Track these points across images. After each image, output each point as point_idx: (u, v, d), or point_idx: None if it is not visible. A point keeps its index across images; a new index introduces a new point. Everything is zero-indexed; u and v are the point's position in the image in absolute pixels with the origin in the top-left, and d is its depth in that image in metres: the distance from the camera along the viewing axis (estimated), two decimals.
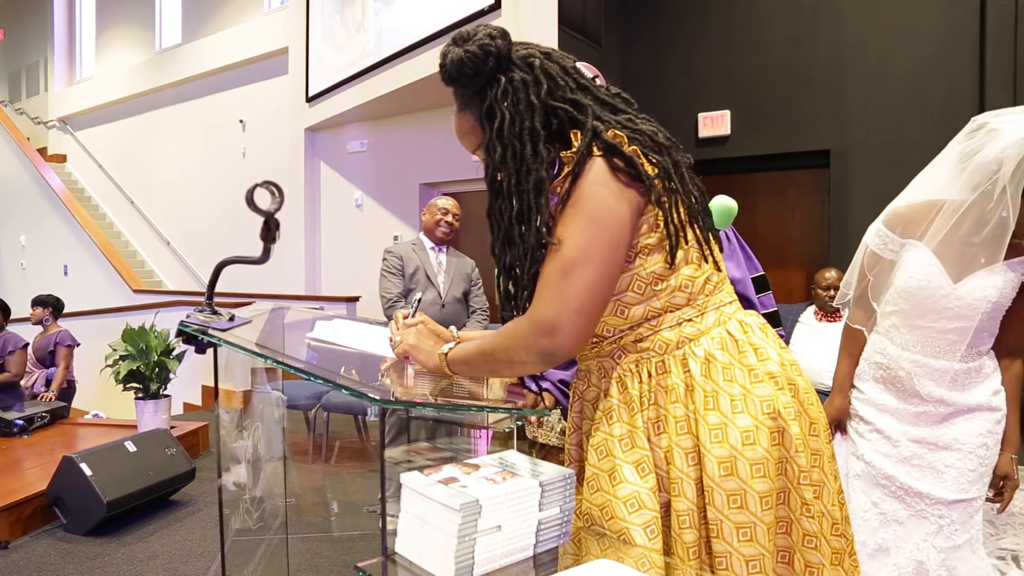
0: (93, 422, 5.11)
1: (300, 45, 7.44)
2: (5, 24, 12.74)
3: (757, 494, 1.11)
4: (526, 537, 1.14)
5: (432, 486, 1.10)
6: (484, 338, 1.20)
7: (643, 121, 1.19)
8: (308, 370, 1.21)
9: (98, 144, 10.99)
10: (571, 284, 1.07)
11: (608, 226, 1.07)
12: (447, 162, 6.73)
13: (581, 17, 5.10)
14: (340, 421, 5.01)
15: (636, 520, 1.14)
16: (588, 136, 1.10)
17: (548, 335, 1.07)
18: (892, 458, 1.80)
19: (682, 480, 1.13)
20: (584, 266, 1.07)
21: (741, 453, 1.11)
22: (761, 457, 1.11)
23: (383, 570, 1.10)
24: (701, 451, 1.13)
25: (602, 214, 1.07)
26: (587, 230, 1.07)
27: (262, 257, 1.41)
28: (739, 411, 1.12)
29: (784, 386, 1.16)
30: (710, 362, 1.15)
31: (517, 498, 1.12)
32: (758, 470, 1.11)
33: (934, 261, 1.72)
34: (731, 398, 1.13)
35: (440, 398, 1.28)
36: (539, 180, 1.11)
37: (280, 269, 7.57)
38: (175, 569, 3.01)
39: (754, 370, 1.15)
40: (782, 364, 1.18)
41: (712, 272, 1.18)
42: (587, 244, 1.07)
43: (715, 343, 1.15)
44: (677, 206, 1.13)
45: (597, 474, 1.20)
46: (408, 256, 3.70)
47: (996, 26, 4.67)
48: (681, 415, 1.15)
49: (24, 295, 8.37)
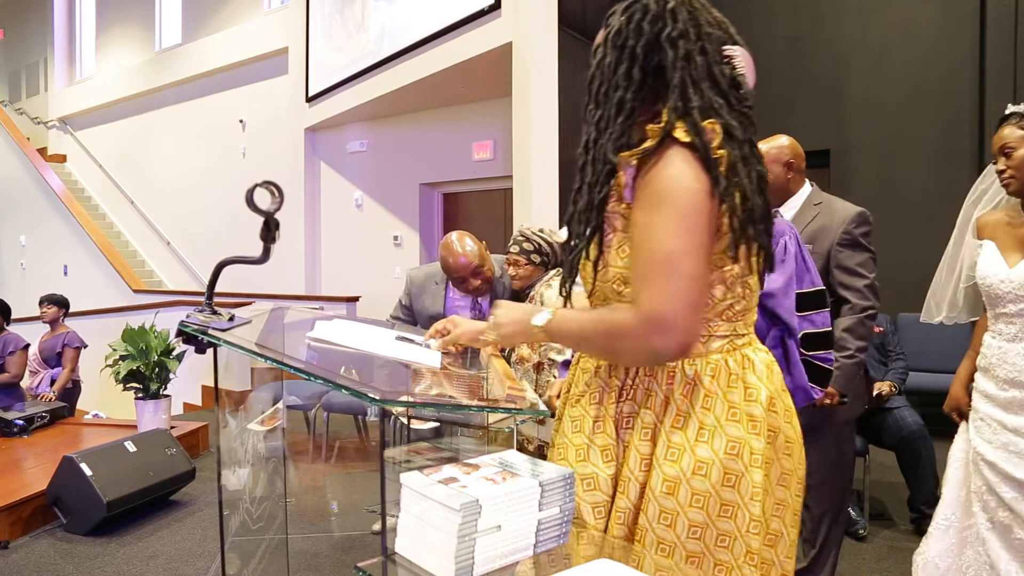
0: (93, 422, 5.10)
1: (300, 45, 7.44)
2: (5, 24, 12.74)
3: (688, 521, 1.10)
4: (526, 537, 1.14)
5: (432, 486, 1.10)
6: (583, 320, 1.13)
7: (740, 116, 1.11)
8: (308, 370, 1.21)
9: (98, 144, 10.99)
10: (679, 277, 1.01)
11: (703, 222, 1.03)
12: (447, 162, 6.73)
13: (581, 17, 5.09)
14: (340, 421, 5.00)
15: (588, 499, 1.18)
16: (679, 116, 1.06)
17: (661, 332, 1.01)
18: (992, 444, 1.90)
19: (629, 480, 1.15)
20: (689, 257, 1.01)
21: (687, 479, 1.10)
22: (705, 490, 1.10)
23: (383, 570, 1.10)
24: (653, 461, 1.13)
25: (695, 209, 1.03)
26: (683, 223, 1.02)
27: (262, 257, 1.41)
28: (703, 440, 1.11)
29: (762, 431, 1.12)
30: (695, 385, 1.13)
31: (517, 498, 1.12)
32: (698, 500, 1.10)
33: (994, 249, 1.92)
34: (700, 426, 1.12)
35: (440, 398, 1.28)
36: (621, 100, 1.10)
37: (280, 269, 7.57)
38: (175, 569, 3.01)
39: (734, 407, 1.12)
40: (769, 408, 1.14)
41: (739, 299, 1.14)
42: (686, 235, 1.02)
43: (707, 369, 1.13)
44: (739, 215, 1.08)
45: (567, 444, 1.23)
46: (422, 295, 2.81)
47: (996, 26, 4.67)
48: (649, 422, 1.15)
49: (24, 295, 8.38)
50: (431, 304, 2.76)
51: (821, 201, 2.44)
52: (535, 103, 4.49)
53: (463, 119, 6.56)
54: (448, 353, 1.54)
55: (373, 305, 6.68)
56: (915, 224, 4.87)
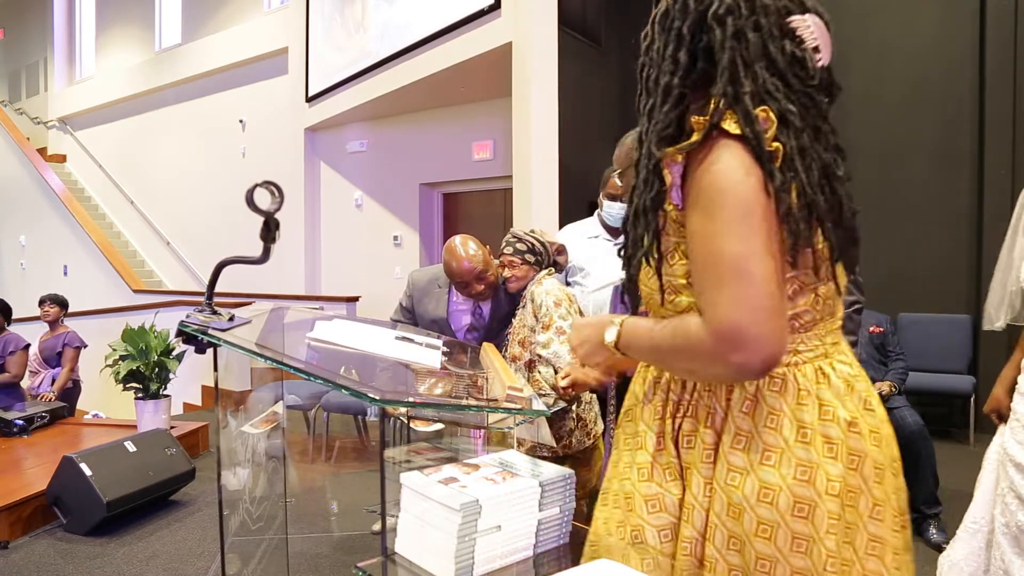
0: (93, 422, 5.10)
1: (300, 45, 7.44)
2: (5, 24, 12.74)
3: (755, 553, 0.99)
4: (526, 537, 1.14)
5: (432, 486, 1.10)
6: (655, 336, 1.03)
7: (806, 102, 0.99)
8: (308, 370, 1.21)
9: (98, 144, 10.99)
10: (750, 283, 0.90)
11: (765, 220, 0.92)
12: (447, 162, 6.73)
13: (581, 17, 5.09)
14: (340, 421, 5.00)
15: (653, 521, 1.07)
16: (728, 104, 0.95)
17: (739, 348, 0.90)
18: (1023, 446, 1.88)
19: (694, 507, 1.04)
20: (757, 259, 0.90)
21: (752, 506, 0.99)
22: (772, 520, 0.98)
23: (383, 570, 1.10)
24: (715, 485, 1.03)
25: (754, 205, 0.92)
26: (744, 223, 0.91)
27: (262, 257, 1.41)
28: (768, 463, 0.99)
29: (840, 455, 0.99)
30: (756, 402, 1.01)
31: (517, 498, 1.12)
32: (764, 531, 0.98)
33: None
34: (765, 447, 1.00)
35: (439, 398, 1.28)
36: (668, 86, 1.01)
37: (280, 269, 7.57)
38: (175, 569, 3.01)
39: (805, 427, 0.99)
40: (849, 430, 1.00)
41: (807, 310, 1.02)
42: (749, 235, 0.91)
43: (771, 384, 1.01)
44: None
45: (630, 464, 1.12)
46: (424, 298, 2.77)
47: (996, 26, 4.67)
48: (710, 442, 1.04)
49: (24, 295, 8.38)
50: (433, 308, 2.74)
51: None
52: (535, 103, 4.49)
53: (463, 119, 6.56)
54: (448, 353, 1.54)
55: (373, 305, 6.68)
56: (915, 224, 4.87)
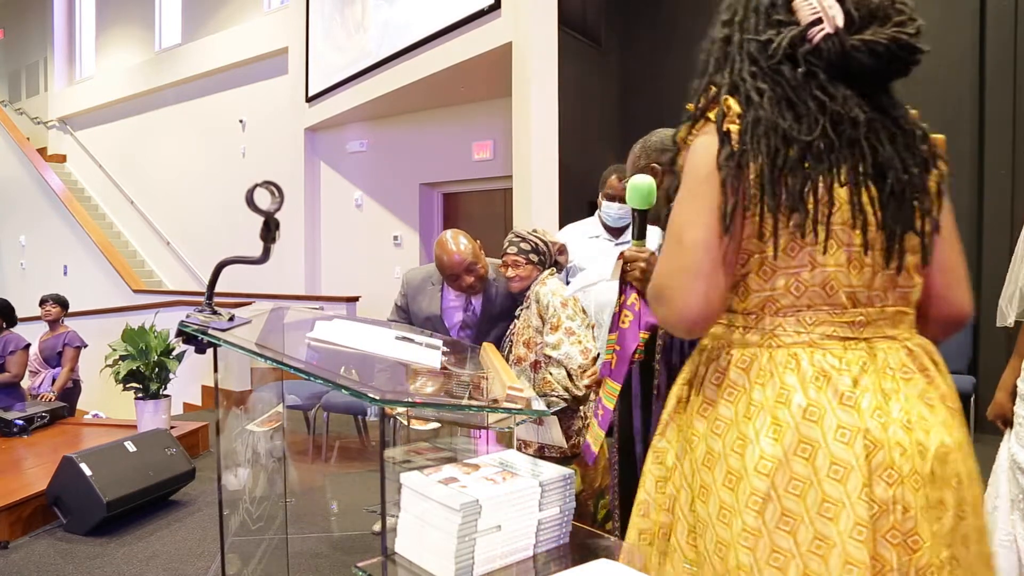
0: (93, 422, 5.10)
1: (300, 45, 7.44)
2: (5, 24, 12.74)
3: (697, 513, 1.08)
4: (526, 537, 1.14)
5: (432, 486, 1.10)
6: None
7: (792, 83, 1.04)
8: (308, 370, 1.21)
9: (98, 144, 10.99)
10: (679, 248, 1.04)
11: (709, 190, 1.03)
12: (447, 162, 6.73)
13: (581, 17, 5.09)
14: (340, 421, 5.00)
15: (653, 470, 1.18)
16: (712, 98, 1.08)
17: (660, 303, 1.06)
18: None
19: (675, 468, 1.15)
20: (691, 227, 1.03)
21: (698, 471, 1.08)
22: (709, 485, 1.06)
23: (383, 570, 1.10)
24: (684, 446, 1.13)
25: (704, 178, 1.04)
26: (691, 195, 1.05)
27: (262, 257, 1.41)
28: (717, 433, 1.06)
29: (784, 438, 1.00)
30: (724, 375, 1.08)
31: (517, 498, 1.12)
32: (703, 494, 1.07)
33: None
34: (717, 418, 1.07)
35: (439, 398, 1.28)
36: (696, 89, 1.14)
37: (280, 269, 7.57)
38: (175, 569, 3.01)
39: (753, 404, 1.03)
40: (804, 417, 1.00)
41: (785, 293, 1.04)
42: (690, 205, 1.05)
43: (740, 360, 1.07)
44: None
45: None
46: (418, 296, 2.79)
47: (996, 26, 4.67)
48: (694, 406, 1.13)
49: (24, 295, 8.37)
50: (427, 305, 2.77)
51: None
52: (535, 103, 4.49)
53: (463, 119, 6.56)
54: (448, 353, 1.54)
55: (373, 305, 6.67)
56: None
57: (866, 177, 1.02)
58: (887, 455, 0.98)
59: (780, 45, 1.03)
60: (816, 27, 1.02)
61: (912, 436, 0.99)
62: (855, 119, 1.01)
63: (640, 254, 1.60)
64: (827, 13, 1.01)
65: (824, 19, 1.01)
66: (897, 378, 1.03)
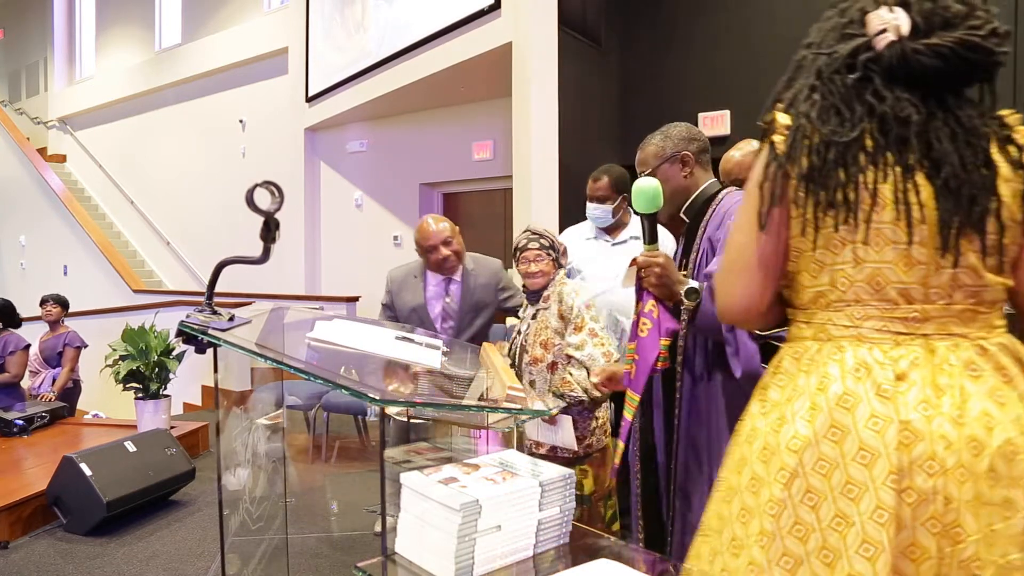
0: (93, 422, 5.10)
1: (300, 45, 7.44)
2: (5, 24, 12.74)
3: (733, 481, 1.16)
4: (526, 537, 1.14)
5: (432, 486, 1.10)
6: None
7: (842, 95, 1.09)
8: (308, 370, 1.21)
9: (98, 144, 10.99)
10: (729, 250, 1.20)
11: (757, 196, 1.14)
12: (447, 162, 6.73)
13: (581, 17, 5.09)
14: (340, 421, 5.00)
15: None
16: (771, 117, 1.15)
17: (714, 298, 1.26)
18: None
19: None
20: (738, 231, 1.18)
21: (740, 444, 1.17)
22: (743, 457, 1.15)
23: (383, 570, 1.10)
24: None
25: (754, 187, 1.15)
26: (744, 204, 1.17)
27: (262, 257, 1.41)
28: (762, 412, 1.15)
29: (817, 421, 1.05)
30: (779, 363, 1.17)
31: (517, 498, 1.12)
32: (738, 466, 1.15)
33: None
34: (766, 400, 1.16)
35: (440, 398, 1.28)
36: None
37: (280, 269, 7.56)
38: (175, 569, 3.01)
39: (797, 390, 1.10)
40: (838, 404, 1.04)
41: (832, 288, 1.09)
42: (741, 213, 1.17)
43: (792, 351, 1.15)
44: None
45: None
46: (402, 291, 2.92)
47: None
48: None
49: (24, 295, 8.37)
50: (411, 298, 2.89)
51: None
52: (535, 103, 4.49)
53: (463, 119, 6.56)
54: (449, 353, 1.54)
55: (373, 305, 6.65)
56: None
57: (914, 174, 1.04)
58: (928, 447, 1.00)
59: (841, 54, 1.09)
60: (881, 35, 1.07)
61: (963, 431, 1.00)
62: (906, 118, 1.04)
63: (654, 259, 1.59)
64: (892, 23, 1.06)
65: (888, 28, 1.06)
66: (958, 374, 1.04)
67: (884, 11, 1.07)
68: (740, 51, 5.04)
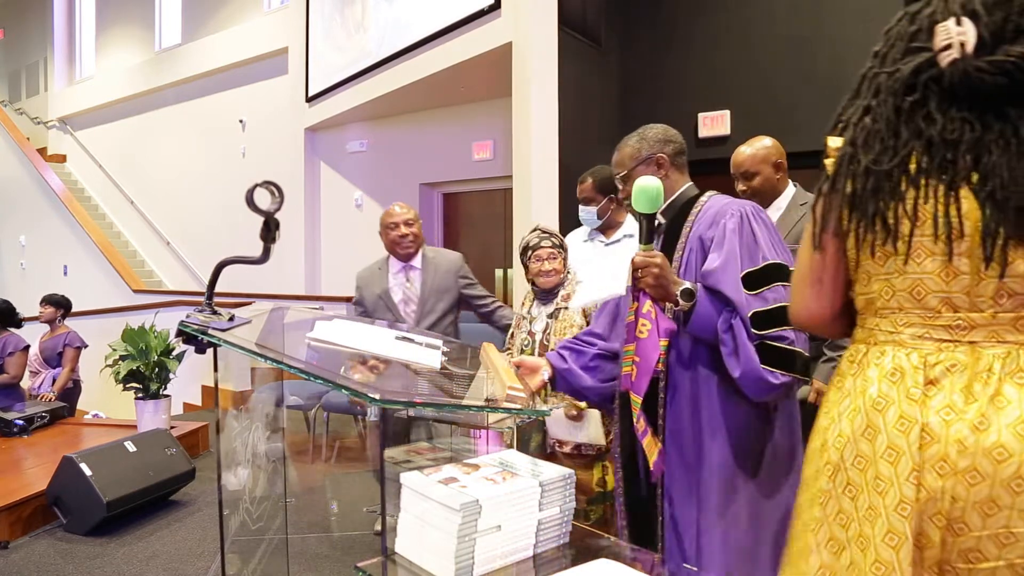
0: (93, 422, 5.10)
1: (300, 45, 7.44)
2: (5, 24, 12.74)
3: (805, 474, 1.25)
4: (526, 537, 1.14)
5: (432, 486, 1.10)
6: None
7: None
8: (308, 370, 1.21)
9: (98, 144, 10.99)
10: (795, 265, 1.30)
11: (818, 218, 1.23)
12: (447, 162, 6.73)
13: (581, 17, 5.09)
14: (340, 421, 5.01)
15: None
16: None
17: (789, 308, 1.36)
18: None
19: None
20: (803, 248, 1.25)
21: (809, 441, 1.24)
22: (810, 453, 1.22)
23: (383, 570, 1.10)
24: None
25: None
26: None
27: (262, 257, 1.41)
28: (824, 410, 1.21)
29: (855, 420, 1.14)
30: (839, 366, 1.23)
31: (517, 498, 1.12)
32: (807, 460, 1.23)
33: None
34: (825, 400, 1.23)
35: (440, 398, 1.28)
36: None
37: (280, 269, 7.56)
38: (175, 569, 3.01)
39: (845, 391, 1.18)
40: (872, 406, 1.12)
41: (879, 296, 1.15)
42: (807, 235, 1.24)
43: (848, 354, 1.22)
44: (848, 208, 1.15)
45: None
46: (369, 283, 3.24)
47: None
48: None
49: (24, 295, 8.37)
50: (377, 287, 3.19)
51: (806, 201, 2.43)
52: (535, 103, 4.49)
53: (463, 119, 6.56)
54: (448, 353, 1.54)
55: None
56: None
57: (957, 190, 1.06)
58: (942, 448, 1.05)
59: (903, 73, 1.10)
60: (945, 52, 1.06)
61: (984, 437, 1.03)
62: (955, 141, 1.05)
63: (651, 259, 1.58)
64: (957, 39, 1.05)
65: (953, 44, 1.05)
66: (998, 381, 1.05)
67: (952, 23, 1.06)
68: (740, 51, 5.04)
